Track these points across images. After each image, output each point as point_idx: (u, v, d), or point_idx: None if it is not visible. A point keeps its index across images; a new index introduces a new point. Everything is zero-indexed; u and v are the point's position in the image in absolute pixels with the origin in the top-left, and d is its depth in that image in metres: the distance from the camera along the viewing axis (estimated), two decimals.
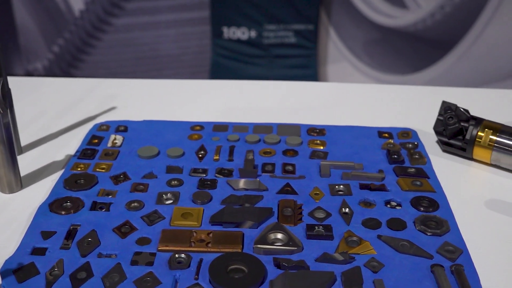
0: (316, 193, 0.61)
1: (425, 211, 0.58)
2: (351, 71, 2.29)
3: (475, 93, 0.91)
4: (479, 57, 2.19)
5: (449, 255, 0.52)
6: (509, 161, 0.65)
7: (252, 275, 0.50)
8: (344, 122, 0.78)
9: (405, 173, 0.64)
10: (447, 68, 2.24)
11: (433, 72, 2.25)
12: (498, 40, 2.16)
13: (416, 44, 2.22)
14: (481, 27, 2.15)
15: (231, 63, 2.21)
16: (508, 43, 2.17)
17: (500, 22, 2.12)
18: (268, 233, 0.54)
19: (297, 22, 2.16)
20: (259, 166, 0.66)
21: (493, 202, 0.61)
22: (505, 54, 2.19)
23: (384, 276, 0.50)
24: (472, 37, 2.17)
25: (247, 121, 0.77)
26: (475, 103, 0.84)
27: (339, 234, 0.55)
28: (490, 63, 2.21)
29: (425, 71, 2.26)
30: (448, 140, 0.69)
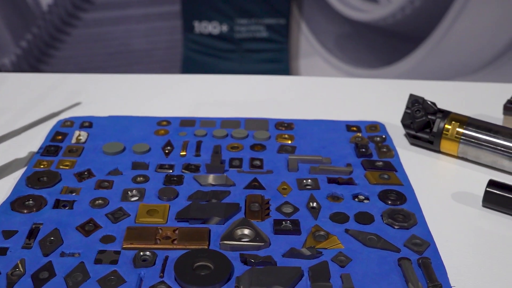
0: (283, 187, 0.60)
1: (392, 204, 0.58)
2: (323, 65, 2.29)
3: (443, 86, 0.91)
4: (449, 51, 2.21)
5: (416, 248, 0.52)
6: (476, 154, 0.66)
7: (218, 271, 0.49)
8: (313, 116, 0.77)
9: (373, 166, 0.64)
10: (417, 62, 2.25)
11: (404, 66, 2.27)
12: (468, 33, 2.19)
13: (387, 38, 2.24)
14: (450, 20, 2.16)
15: (202, 57, 2.19)
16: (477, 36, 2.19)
17: (469, 16, 2.14)
18: (235, 229, 0.54)
19: (269, 17, 2.15)
20: (226, 161, 0.65)
21: (460, 195, 0.62)
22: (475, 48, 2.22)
23: (351, 270, 0.50)
24: (442, 31, 2.19)
25: (217, 116, 0.76)
26: (443, 96, 0.84)
27: (306, 228, 0.55)
28: (460, 56, 2.23)
29: (396, 65, 2.28)
30: (416, 133, 0.69)
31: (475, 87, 0.93)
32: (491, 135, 0.65)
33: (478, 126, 0.66)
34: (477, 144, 0.65)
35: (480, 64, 2.25)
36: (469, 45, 2.21)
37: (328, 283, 0.48)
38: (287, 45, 2.21)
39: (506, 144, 0.64)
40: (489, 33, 2.19)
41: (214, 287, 0.48)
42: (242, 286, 0.48)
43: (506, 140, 0.64)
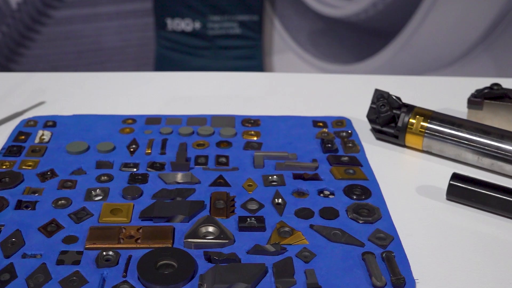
0: (249, 184, 0.60)
1: (357, 199, 0.59)
2: (296, 61, 2.29)
3: (411, 81, 0.92)
4: (420, 46, 2.23)
5: (380, 242, 0.53)
6: (440, 147, 0.66)
7: (181, 270, 0.49)
8: (282, 112, 0.77)
9: (339, 161, 0.64)
10: (390, 57, 2.27)
11: (377, 61, 2.28)
12: (438, 28, 2.21)
13: (359, 34, 2.25)
14: (421, 16, 2.18)
15: (175, 55, 2.18)
16: (448, 31, 2.21)
17: (439, 11, 2.16)
18: (199, 226, 0.53)
19: (242, 13, 2.15)
20: (192, 159, 0.64)
21: (424, 188, 0.62)
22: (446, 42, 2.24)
23: (315, 265, 0.50)
24: (413, 26, 2.20)
25: (186, 113, 0.75)
26: (411, 90, 0.85)
27: (271, 225, 0.55)
28: (432, 51, 2.25)
29: (369, 60, 2.29)
30: (381, 128, 0.69)
31: (443, 81, 0.94)
32: (454, 128, 0.65)
33: (442, 120, 0.66)
34: (441, 138, 0.66)
35: (451, 59, 2.27)
36: (440, 40, 2.23)
37: (292, 279, 0.48)
38: (260, 41, 2.21)
39: (469, 137, 0.65)
40: (459, 28, 2.21)
41: (178, 285, 0.48)
42: (205, 284, 0.47)
43: (469, 134, 0.65)
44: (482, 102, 0.71)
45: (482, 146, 0.64)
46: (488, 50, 2.24)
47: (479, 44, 2.24)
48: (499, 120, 0.71)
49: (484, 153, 0.64)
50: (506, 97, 0.71)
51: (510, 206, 0.57)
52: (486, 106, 0.71)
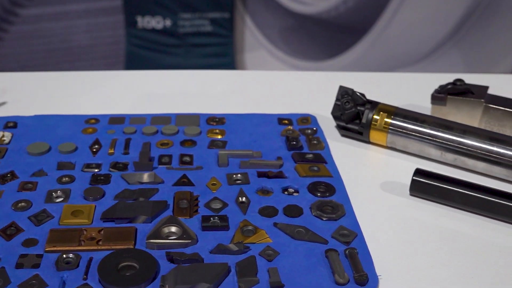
0: (213, 183, 0.60)
1: (321, 196, 0.59)
2: (268, 58, 2.29)
3: (376, 78, 0.92)
4: (391, 42, 2.25)
5: (344, 239, 0.53)
6: (404, 143, 0.67)
7: (143, 271, 0.48)
8: (249, 110, 0.77)
9: (303, 159, 0.64)
10: (361, 53, 2.28)
11: (348, 58, 2.29)
12: (408, 25, 2.23)
13: (330, 31, 2.26)
14: (391, 13, 2.20)
15: (146, 53, 2.16)
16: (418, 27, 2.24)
17: (409, 8, 2.18)
18: (162, 227, 0.53)
19: (213, 11, 2.14)
20: (155, 158, 0.64)
21: (388, 184, 0.62)
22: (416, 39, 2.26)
23: (279, 264, 0.50)
24: (383, 23, 2.22)
25: (151, 112, 0.75)
26: (376, 87, 0.85)
27: (235, 224, 0.54)
28: (402, 47, 2.27)
29: (340, 57, 2.30)
30: (346, 125, 0.69)
31: (409, 77, 0.95)
32: (417, 124, 0.66)
33: (405, 116, 0.67)
34: (405, 134, 0.66)
35: (421, 55, 2.30)
36: (409, 36, 2.25)
37: (255, 278, 0.48)
38: (232, 39, 2.20)
39: (432, 132, 0.65)
40: (428, 24, 2.23)
41: (139, 287, 0.47)
42: (167, 285, 0.47)
43: (432, 129, 0.65)
44: (446, 98, 0.72)
45: (445, 141, 0.65)
46: (456, 46, 2.27)
47: (447, 40, 2.26)
48: (462, 115, 0.72)
49: (447, 148, 0.65)
50: (469, 92, 0.72)
51: (472, 200, 0.57)
52: (449, 101, 0.72)
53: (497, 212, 0.57)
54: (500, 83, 0.92)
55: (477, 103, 0.71)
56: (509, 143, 0.63)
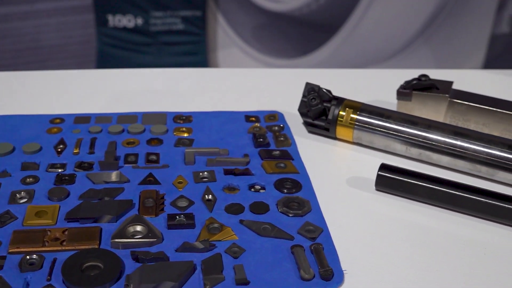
0: (179, 181, 0.60)
1: (288, 192, 0.59)
2: (241, 56, 2.29)
3: (344, 74, 0.93)
4: (363, 39, 2.27)
5: (309, 235, 0.53)
6: (370, 139, 0.67)
7: (108, 271, 0.48)
8: (217, 107, 0.77)
9: (270, 156, 0.64)
10: (333, 50, 2.30)
11: (321, 55, 2.30)
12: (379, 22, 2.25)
13: (302, 28, 2.26)
14: (363, 9, 2.22)
15: (118, 52, 2.15)
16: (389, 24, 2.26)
17: (380, 5, 2.20)
18: (127, 226, 0.52)
19: (184, 9, 2.13)
20: (121, 157, 0.63)
21: (354, 179, 0.63)
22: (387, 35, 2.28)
23: (244, 261, 0.50)
24: (355, 20, 2.24)
25: (119, 111, 0.74)
26: (344, 83, 0.86)
27: (201, 222, 0.54)
28: (374, 44, 2.29)
29: (313, 54, 2.31)
30: (312, 121, 0.70)
31: (377, 73, 0.96)
32: (383, 120, 0.66)
33: (370, 112, 0.67)
34: (370, 129, 0.67)
35: (393, 51, 2.32)
36: (381, 33, 2.27)
37: (221, 275, 0.48)
38: (204, 37, 2.20)
39: (397, 128, 0.66)
40: (399, 21, 2.26)
41: (104, 286, 0.47)
42: (132, 284, 0.47)
43: (397, 124, 0.66)
44: (411, 93, 0.73)
45: (409, 136, 0.65)
46: (426, 43, 2.30)
47: (418, 37, 2.29)
48: (427, 110, 0.73)
49: (412, 143, 0.65)
50: (434, 87, 0.73)
51: (437, 194, 0.58)
52: (414, 97, 0.73)
53: (461, 205, 0.58)
54: (469, 78, 0.94)
55: (442, 98, 0.72)
56: (472, 137, 0.64)
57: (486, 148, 0.63)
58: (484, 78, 0.94)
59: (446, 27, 2.29)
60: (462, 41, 2.33)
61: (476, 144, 0.63)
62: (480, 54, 2.37)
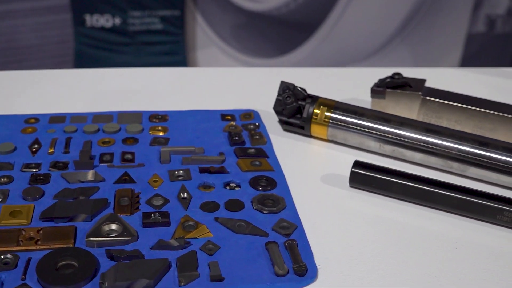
0: (155, 180, 0.60)
1: (263, 190, 0.59)
2: (220, 56, 2.30)
3: (322, 72, 0.94)
4: (342, 38, 2.28)
5: (284, 231, 0.54)
6: (344, 136, 0.68)
7: (82, 269, 0.48)
8: (193, 106, 0.77)
9: (245, 154, 0.65)
10: (312, 49, 2.31)
11: (300, 54, 2.31)
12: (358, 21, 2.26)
13: (281, 27, 2.27)
14: (341, 9, 2.23)
15: (96, 52, 2.14)
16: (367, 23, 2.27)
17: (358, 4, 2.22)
18: (102, 224, 0.53)
19: (163, 8, 2.13)
20: (96, 157, 0.63)
21: (329, 177, 0.64)
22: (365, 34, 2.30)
23: (219, 258, 0.50)
24: (333, 19, 2.25)
25: (94, 110, 0.74)
26: (320, 82, 0.87)
27: (176, 220, 0.54)
28: (353, 43, 2.31)
29: (292, 53, 2.32)
30: (287, 119, 0.70)
31: (354, 72, 0.97)
32: (356, 117, 0.67)
33: (345, 110, 0.68)
34: (344, 127, 0.68)
35: (372, 50, 2.34)
36: (360, 32, 2.29)
37: (195, 272, 0.48)
38: (183, 36, 2.20)
39: (371, 125, 0.67)
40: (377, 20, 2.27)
41: (78, 285, 0.47)
42: (106, 282, 0.47)
43: (370, 122, 0.67)
44: (384, 92, 0.73)
45: (383, 133, 0.66)
46: (404, 41, 2.32)
47: (396, 36, 2.31)
48: (401, 108, 0.74)
49: (385, 140, 0.66)
50: (407, 85, 0.74)
51: (410, 190, 0.59)
52: (388, 95, 0.74)
53: (433, 201, 0.59)
54: (446, 76, 0.95)
55: (415, 96, 0.73)
56: (444, 134, 0.65)
57: (457, 144, 0.64)
58: (460, 76, 0.96)
59: (423, 27, 2.32)
60: (439, 40, 2.35)
61: (447, 141, 0.64)
62: (457, 53, 2.40)
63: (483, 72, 0.98)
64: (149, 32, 2.14)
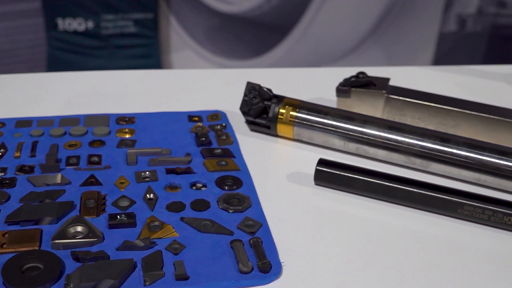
0: (121, 182, 0.60)
1: (229, 189, 0.60)
2: (195, 58, 2.30)
3: (290, 73, 0.95)
4: (315, 39, 2.30)
5: (249, 230, 0.54)
6: (309, 135, 0.69)
7: (48, 271, 0.48)
8: (162, 108, 0.78)
9: (212, 154, 0.66)
10: (287, 51, 2.32)
11: (274, 56, 2.33)
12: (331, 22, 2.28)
13: (255, 29, 2.28)
14: (314, 10, 2.25)
15: (69, 56, 2.12)
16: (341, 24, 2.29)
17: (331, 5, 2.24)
18: (68, 227, 0.53)
19: (136, 11, 2.13)
20: (63, 160, 0.63)
21: (294, 175, 0.65)
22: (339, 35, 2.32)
23: (185, 257, 0.51)
24: (307, 20, 2.27)
25: (59, 114, 0.74)
26: (288, 82, 0.88)
27: (142, 220, 0.55)
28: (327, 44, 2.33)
29: (266, 55, 2.33)
30: (254, 119, 0.71)
31: (323, 72, 0.98)
32: (321, 116, 0.68)
33: (309, 109, 0.69)
34: (310, 126, 0.69)
35: (345, 50, 2.36)
36: (333, 33, 2.31)
37: (160, 272, 0.49)
38: (157, 39, 2.19)
39: (335, 123, 0.68)
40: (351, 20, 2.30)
41: (44, 287, 0.47)
42: (71, 283, 0.47)
43: (335, 120, 0.68)
44: (349, 91, 0.75)
45: (347, 131, 0.67)
46: (378, 41, 2.35)
47: (369, 36, 2.34)
48: (366, 106, 0.75)
49: (349, 138, 0.67)
50: (371, 84, 0.75)
51: (373, 187, 0.60)
52: (353, 94, 0.75)
53: (396, 196, 0.60)
54: (418, 75, 0.97)
55: (379, 94, 0.74)
56: (406, 131, 0.66)
57: (419, 141, 0.65)
58: (432, 74, 0.98)
59: (395, 27, 2.34)
60: (412, 39, 2.39)
61: (410, 138, 0.66)
62: (429, 52, 2.43)
63: (455, 71, 1.00)
64: (122, 36, 2.14)
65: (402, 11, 2.31)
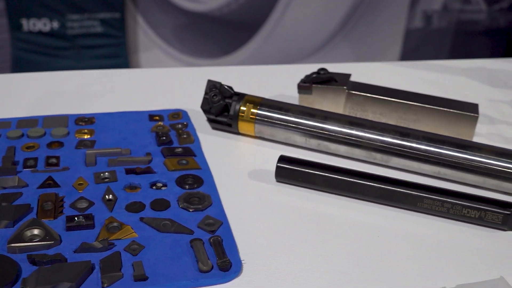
0: (80, 183, 0.59)
1: (189, 188, 0.60)
2: (163, 57, 2.29)
3: (254, 71, 0.95)
4: (284, 37, 2.31)
5: (209, 228, 0.54)
6: (271, 132, 0.69)
7: (3, 275, 0.47)
8: (122, 108, 0.77)
9: (172, 153, 0.65)
10: (255, 49, 2.32)
11: (243, 54, 2.33)
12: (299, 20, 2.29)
13: (224, 27, 2.28)
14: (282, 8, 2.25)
15: (34, 57, 2.09)
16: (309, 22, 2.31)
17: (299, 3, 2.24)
18: (24, 230, 0.52)
19: (102, 11, 2.10)
20: (20, 162, 0.62)
21: (256, 172, 0.64)
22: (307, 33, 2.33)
23: (144, 257, 0.50)
24: (275, 18, 2.27)
25: (17, 116, 0.73)
26: (252, 80, 0.88)
27: (101, 222, 0.54)
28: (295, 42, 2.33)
29: (236, 53, 2.33)
30: (215, 118, 0.71)
31: (286, 69, 0.98)
32: (282, 113, 0.69)
33: (270, 106, 0.69)
34: (271, 123, 0.69)
35: (314, 48, 2.37)
36: (301, 30, 2.31)
37: (119, 273, 0.48)
38: (124, 39, 2.17)
39: (296, 120, 0.68)
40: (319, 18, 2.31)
41: None
42: (28, 287, 0.46)
43: (296, 117, 0.68)
44: (311, 87, 0.75)
45: (308, 128, 0.68)
46: (345, 39, 2.37)
47: (337, 33, 2.35)
48: (327, 102, 0.75)
49: (310, 135, 0.68)
50: (332, 80, 0.75)
51: (333, 182, 0.61)
52: (314, 90, 0.75)
53: (356, 191, 0.60)
54: (386, 70, 0.98)
55: (340, 90, 0.75)
56: (366, 126, 0.67)
57: (379, 136, 0.66)
58: (399, 70, 0.99)
59: (363, 24, 2.36)
60: (379, 36, 2.41)
61: (370, 133, 0.66)
62: (396, 48, 2.46)
63: (420, 66, 1.01)
64: (89, 36, 2.12)
65: (369, 8, 2.33)
